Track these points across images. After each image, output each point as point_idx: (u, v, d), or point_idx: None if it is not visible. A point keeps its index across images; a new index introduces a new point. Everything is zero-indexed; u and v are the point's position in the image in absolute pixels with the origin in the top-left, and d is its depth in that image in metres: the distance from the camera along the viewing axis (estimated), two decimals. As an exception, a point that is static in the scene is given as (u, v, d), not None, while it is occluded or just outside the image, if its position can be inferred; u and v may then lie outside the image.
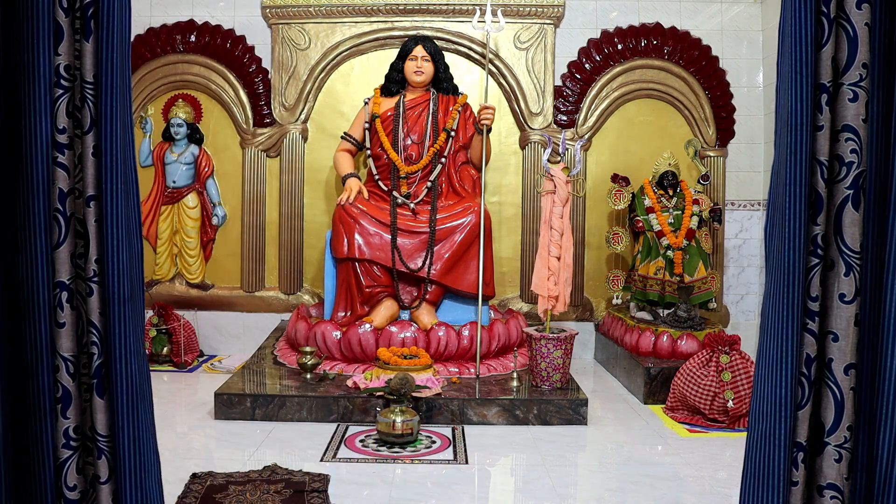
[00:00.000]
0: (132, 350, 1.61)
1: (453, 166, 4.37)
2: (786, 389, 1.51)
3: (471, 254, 4.08)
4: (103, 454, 1.61)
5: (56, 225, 1.55)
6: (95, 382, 1.60)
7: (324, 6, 4.81)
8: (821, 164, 1.51)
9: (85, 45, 1.55)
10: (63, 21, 1.53)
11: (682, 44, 4.83)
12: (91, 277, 1.58)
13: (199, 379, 4.32)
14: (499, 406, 3.47)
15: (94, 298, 1.59)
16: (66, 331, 1.58)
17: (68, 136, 1.56)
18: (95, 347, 1.60)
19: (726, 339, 3.52)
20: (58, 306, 1.56)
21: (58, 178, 1.55)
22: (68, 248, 1.57)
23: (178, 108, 4.86)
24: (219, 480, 2.70)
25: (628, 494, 2.72)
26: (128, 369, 1.60)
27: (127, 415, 1.60)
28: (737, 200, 4.96)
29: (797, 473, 1.54)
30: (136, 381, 1.61)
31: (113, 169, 1.56)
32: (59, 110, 1.54)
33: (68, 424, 1.59)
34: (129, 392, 1.60)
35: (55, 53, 1.53)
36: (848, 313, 1.50)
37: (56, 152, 1.54)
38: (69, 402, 1.59)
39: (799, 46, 1.48)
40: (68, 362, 1.58)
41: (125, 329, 1.59)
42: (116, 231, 1.57)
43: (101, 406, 1.61)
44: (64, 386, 1.58)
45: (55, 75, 1.53)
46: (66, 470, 1.59)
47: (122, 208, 1.58)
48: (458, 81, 4.58)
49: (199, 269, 4.95)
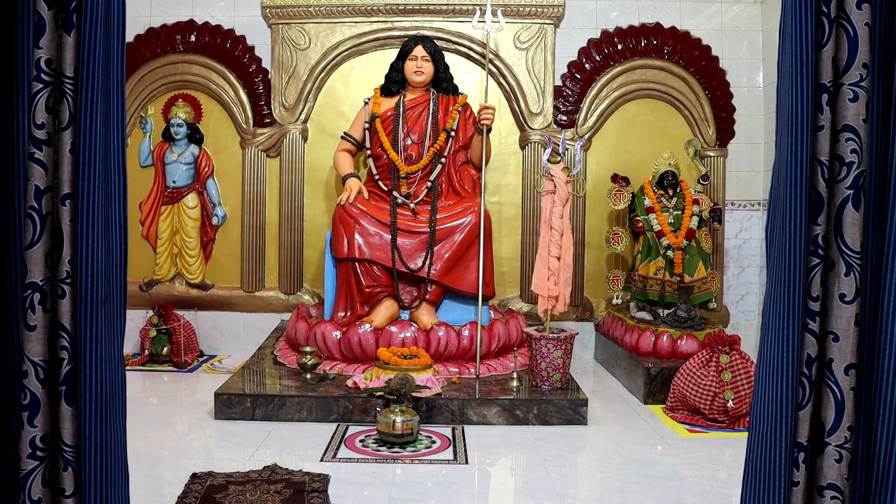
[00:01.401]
0: (103, 356, 1.51)
1: (453, 166, 4.36)
2: (787, 390, 1.51)
3: (471, 254, 4.08)
4: (69, 465, 1.52)
5: (31, 223, 1.48)
6: (64, 389, 1.51)
7: (324, 6, 4.81)
8: (821, 163, 1.51)
9: (66, 39, 1.49)
10: (46, 14, 1.47)
11: (682, 44, 4.83)
12: (63, 279, 1.50)
13: (199, 379, 4.32)
14: (499, 406, 3.47)
15: (66, 301, 1.51)
16: (37, 334, 1.49)
17: (47, 132, 1.49)
18: (66, 352, 1.51)
19: (726, 339, 3.52)
20: (29, 308, 1.48)
21: (34, 174, 1.48)
22: (42, 247, 1.49)
23: (178, 108, 4.86)
24: (219, 480, 2.70)
25: (628, 494, 2.72)
26: (97, 376, 1.50)
27: (94, 424, 1.50)
28: (737, 200, 4.96)
29: (798, 474, 1.54)
30: (105, 390, 1.51)
31: (91, 167, 1.49)
32: (37, 105, 1.47)
33: (35, 433, 1.50)
34: (98, 400, 1.50)
35: (36, 47, 1.47)
36: (848, 313, 1.50)
37: (33, 148, 1.47)
38: (37, 409, 1.49)
39: (799, 46, 1.48)
40: (38, 367, 1.49)
41: (97, 333, 1.50)
42: (93, 231, 1.49)
43: (68, 414, 1.51)
44: (32, 392, 1.49)
45: (35, 69, 1.47)
46: (31, 482, 1.50)
47: (100, 208, 1.50)
48: (458, 81, 4.58)
49: (199, 269, 4.95)
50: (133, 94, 4.87)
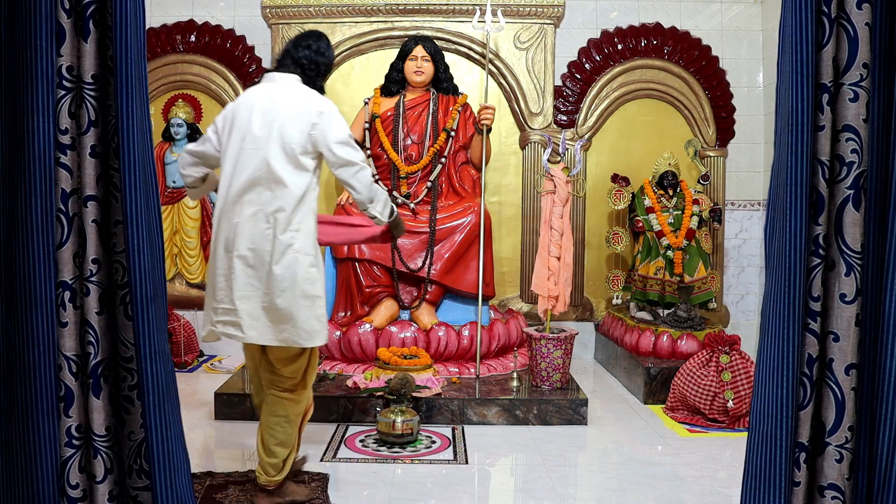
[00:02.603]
0: (157, 349, 1.60)
1: (453, 166, 4.36)
2: (787, 390, 1.51)
3: (471, 254, 4.08)
4: (99, 454, 1.61)
5: (59, 225, 1.55)
6: (92, 382, 1.59)
7: (324, 6, 4.81)
8: (822, 163, 1.51)
9: (84, 46, 1.54)
10: (65, 22, 1.52)
11: (682, 44, 4.83)
12: (88, 277, 1.57)
13: (199, 379, 4.32)
14: (499, 406, 3.47)
15: (92, 298, 1.58)
16: (69, 330, 1.57)
17: (70, 136, 1.55)
18: (92, 347, 1.58)
19: (726, 339, 3.52)
20: (61, 306, 1.55)
21: (60, 178, 1.54)
22: (71, 247, 1.56)
23: (178, 108, 4.86)
24: (218, 480, 2.70)
25: (628, 494, 2.72)
26: (155, 369, 1.59)
27: (155, 415, 1.59)
28: (737, 200, 4.96)
29: (799, 473, 1.54)
30: (162, 381, 1.60)
31: (133, 169, 1.55)
32: (61, 111, 1.53)
33: (71, 423, 1.58)
34: (157, 392, 1.59)
35: (58, 55, 1.52)
36: (849, 313, 1.50)
37: (59, 153, 1.53)
38: (72, 400, 1.58)
39: (800, 46, 1.48)
40: (71, 361, 1.57)
41: (151, 329, 1.58)
42: (137, 231, 1.56)
43: (97, 406, 1.60)
44: (67, 385, 1.57)
45: (58, 76, 1.52)
46: (69, 468, 1.59)
47: (142, 209, 1.57)
48: (458, 81, 4.58)
49: (199, 269, 4.95)
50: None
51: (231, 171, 2.34)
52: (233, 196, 2.33)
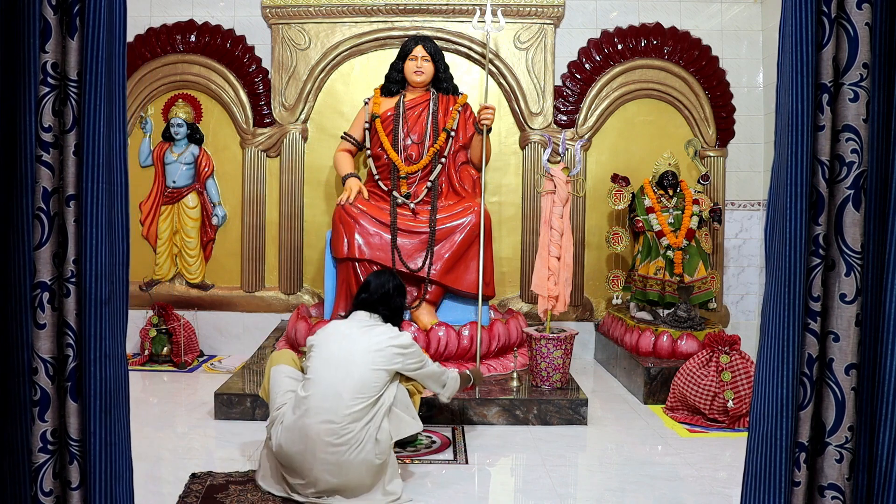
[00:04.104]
0: (108, 353, 1.56)
1: (453, 166, 4.36)
2: (787, 390, 1.51)
3: (471, 254, 4.08)
4: (75, 459, 1.57)
5: (38, 224, 1.51)
6: (70, 385, 1.56)
7: (324, 6, 4.81)
8: (822, 163, 1.51)
9: (70, 43, 1.52)
10: (51, 18, 1.50)
11: (682, 44, 4.83)
12: (69, 278, 1.54)
13: (199, 379, 4.32)
14: (499, 406, 3.47)
15: (71, 300, 1.55)
16: (46, 332, 1.53)
17: (54, 134, 1.52)
18: (71, 349, 1.55)
19: (726, 339, 3.52)
20: (38, 307, 1.52)
21: (42, 176, 1.51)
22: (51, 248, 1.53)
23: (178, 108, 4.86)
24: (219, 480, 2.70)
25: (628, 494, 2.72)
26: (102, 373, 1.55)
27: (99, 420, 1.55)
28: (737, 200, 4.96)
29: (799, 474, 1.54)
30: (109, 386, 1.56)
31: (95, 168, 1.52)
32: (44, 108, 1.50)
33: (45, 428, 1.54)
34: (103, 396, 1.55)
35: (42, 51, 1.50)
36: (849, 313, 1.50)
37: (41, 150, 1.51)
38: (47, 404, 1.54)
39: (799, 46, 1.48)
40: (47, 364, 1.53)
41: (101, 331, 1.54)
42: (97, 231, 1.53)
43: (74, 410, 1.56)
44: (42, 388, 1.53)
45: (42, 73, 1.50)
46: (42, 474, 1.55)
47: (104, 209, 1.54)
48: (458, 81, 4.58)
49: (199, 269, 4.95)
50: (133, 94, 4.87)
51: None
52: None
